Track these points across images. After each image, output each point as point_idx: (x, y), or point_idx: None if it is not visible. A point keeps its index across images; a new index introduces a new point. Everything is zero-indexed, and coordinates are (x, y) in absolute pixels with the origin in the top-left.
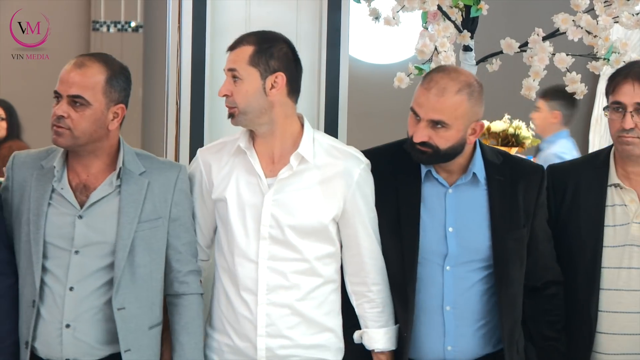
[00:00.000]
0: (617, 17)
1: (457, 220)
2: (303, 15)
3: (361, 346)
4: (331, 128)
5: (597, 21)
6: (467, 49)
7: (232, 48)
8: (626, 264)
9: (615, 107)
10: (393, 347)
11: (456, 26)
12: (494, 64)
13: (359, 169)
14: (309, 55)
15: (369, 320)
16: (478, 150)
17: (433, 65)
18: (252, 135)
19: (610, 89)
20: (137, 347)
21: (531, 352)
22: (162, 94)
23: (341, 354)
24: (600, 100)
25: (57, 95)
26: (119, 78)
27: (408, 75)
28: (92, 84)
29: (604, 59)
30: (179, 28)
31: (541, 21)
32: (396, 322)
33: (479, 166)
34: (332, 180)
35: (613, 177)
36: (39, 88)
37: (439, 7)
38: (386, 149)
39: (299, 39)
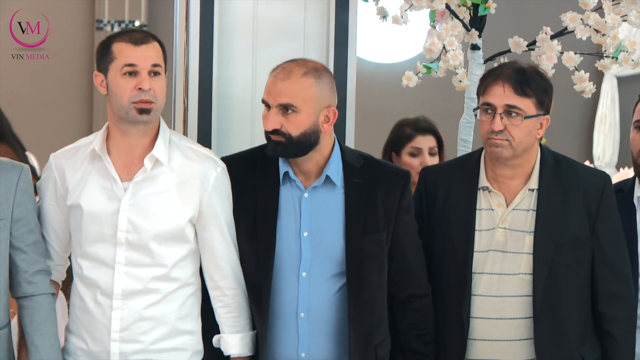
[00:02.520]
0: (626, 15)
1: (312, 224)
2: (310, 15)
3: (221, 351)
4: (339, 128)
5: (605, 20)
6: (475, 47)
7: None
8: (488, 269)
9: (485, 109)
10: (249, 353)
11: (464, 25)
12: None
13: (216, 172)
14: (316, 54)
15: (224, 325)
16: (336, 152)
17: (441, 64)
18: (107, 138)
19: (481, 90)
20: None
21: None
22: (169, 94)
23: (199, 356)
24: (605, 100)
25: None
26: None
27: (416, 74)
28: None
29: (613, 57)
30: (187, 27)
31: (548, 20)
32: (254, 328)
33: (334, 168)
34: (189, 182)
35: (483, 180)
36: (39, 88)
37: (447, 6)
38: (247, 154)
39: (307, 38)
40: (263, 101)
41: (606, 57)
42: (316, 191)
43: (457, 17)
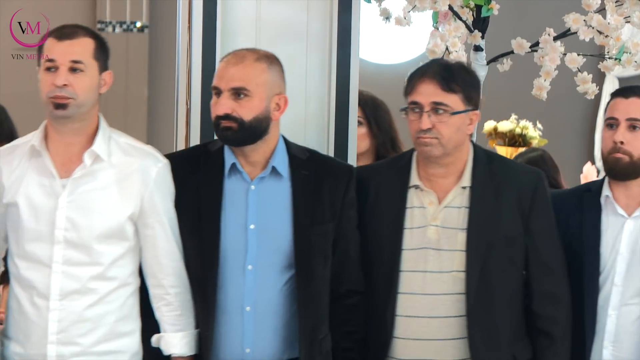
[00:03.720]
0: (629, 17)
1: (259, 217)
2: (313, 15)
3: (160, 350)
4: (341, 129)
5: (608, 21)
6: (478, 49)
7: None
8: (422, 267)
9: (413, 108)
10: (191, 353)
11: (467, 26)
12: (505, 64)
13: (157, 168)
14: (319, 55)
15: (166, 324)
16: (282, 144)
17: None
18: (46, 135)
19: (408, 89)
20: None
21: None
22: (169, 94)
23: (138, 358)
24: (606, 101)
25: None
26: None
27: None
28: None
29: (616, 59)
30: (189, 28)
31: (551, 21)
32: (198, 326)
33: (280, 159)
34: (129, 178)
35: (414, 179)
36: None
37: (450, 7)
38: (189, 151)
39: (309, 39)
40: (213, 87)
41: (609, 58)
42: (263, 183)
43: (460, 19)
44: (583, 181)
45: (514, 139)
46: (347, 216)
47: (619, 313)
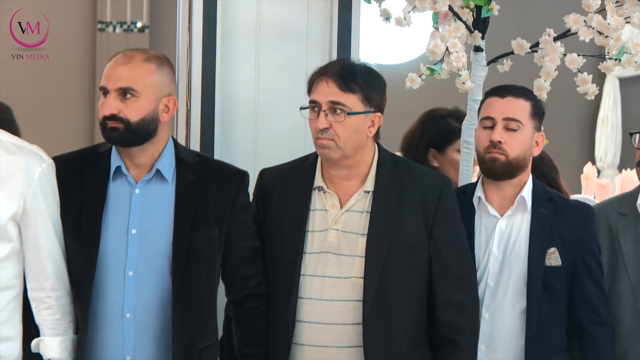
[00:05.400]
0: (629, 17)
1: (142, 221)
2: (314, 16)
3: (40, 356)
4: None
5: (609, 22)
6: (478, 49)
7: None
8: (321, 271)
9: (312, 107)
10: (70, 357)
11: (467, 27)
12: (505, 65)
13: (41, 168)
14: (319, 56)
15: (46, 328)
16: (170, 147)
17: (444, 66)
18: None
19: (309, 88)
20: None
21: None
22: None
23: None
24: (607, 101)
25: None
26: None
27: (420, 76)
28: None
29: (616, 59)
30: (189, 29)
31: (551, 21)
32: (77, 331)
33: (166, 163)
34: (12, 177)
35: (318, 180)
36: (39, 88)
37: (450, 8)
38: (77, 153)
39: (310, 39)
40: (101, 88)
41: (609, 59)
42: (148, 187)
43: (460, 19)
44: (583, 182)
45: None
46: (237, 221)
47: (492, 314)
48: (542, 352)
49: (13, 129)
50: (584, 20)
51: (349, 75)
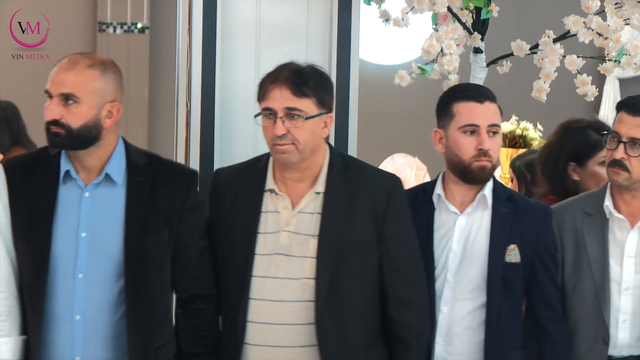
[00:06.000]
0: (628, 19)
1: (92, 224)
2: (313, 17)
3: None
4: (341, 130)
5: (608, 23)
6: (477, 50)
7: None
8: (272, 273)
9: (267, 114)
10: (14, 358)
11: (467, 28)
12: (505, 66)
13: None
14: (319, 56)
15: None
16: (120, 149)
17: (436, 67)
18: None
19: (260, 95)
20: None
21: None
22: (170, 95)
23: None
24: (607, 102)
25: None
26: None
27: (410, 74)
28: None
29: (615, 61)
30: (189, 29)
31: (551, 23)
32: (25, 332)
33: (115, 166)
34: None
35: (270, 183)
36: (39, 88)
37: (450, 9)
38: (28, 156)
39: (309, 40)
40: (45, 91)
41: (609, 60)
42: (97, 190)
43: (460, 21)
44: None
45: (514, 140)
46: (187, 222)
47: (450, 308)
48: (500, 347)
49: (19, 128)
50: (584, 22)
51: (301, 80)
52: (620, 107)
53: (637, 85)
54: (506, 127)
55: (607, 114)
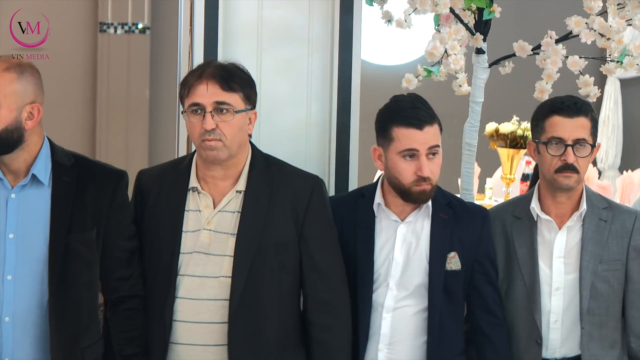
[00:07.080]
0: (630, 19)
1: (19, 226)
2: (315, 18)
3: None
4: (342, 131)
5: (610, 24)
6: (479, 51)
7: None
8: (191, 271)
9: (194, 110)
10: None
11: (468, 29)
12: (507, 67)
13: None
14: (320, 58)
15: None
16: (46, 150)
17: (442, 68)
18: None
19: (185, 92)
20: None
21: None
22: (171, 96)
23: None
24: (608, 102)
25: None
26: None
27: (416, 77)
28: None
29: (617, 61)
30: (191, 30)
31: (553, 24)
32: None
33: (41, 167)
34: None
35: (193, 181)
36: None
37: (452, 10)
38: None
39: (311, 41)
40: None
41: (611, 61)
42: (24, 191)
43: (462, 22)
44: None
45: (515, 141)
46: (115, 221)
47: (393, 315)
48: (443, 353)
49: None
50: (586, 23)
51: (228, 75)
52: (552, 111)
53: (638, 86)
54: (507, 127)
55: (608, 114)
